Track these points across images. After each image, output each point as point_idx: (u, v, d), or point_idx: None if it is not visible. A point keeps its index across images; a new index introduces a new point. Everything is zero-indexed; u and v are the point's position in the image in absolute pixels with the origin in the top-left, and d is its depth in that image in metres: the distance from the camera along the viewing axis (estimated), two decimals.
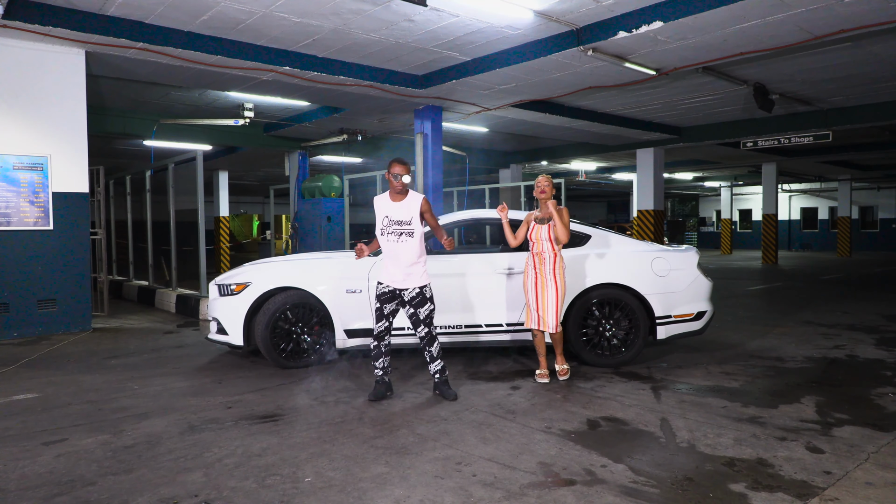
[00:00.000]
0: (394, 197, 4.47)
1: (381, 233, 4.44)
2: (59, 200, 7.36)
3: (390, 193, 4.48)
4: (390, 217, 4.43)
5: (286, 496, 2.99)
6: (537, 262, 5.03)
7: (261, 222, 30.52)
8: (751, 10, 6.32)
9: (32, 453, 3.56)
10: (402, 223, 4.40)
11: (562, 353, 5.18)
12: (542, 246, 5.01)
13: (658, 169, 16.16)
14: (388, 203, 4.48)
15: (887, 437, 3.76)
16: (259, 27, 7.24)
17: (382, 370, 4.60)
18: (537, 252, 5.04)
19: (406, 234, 4.39)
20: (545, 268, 4.99)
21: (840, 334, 7.18)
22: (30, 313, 7.21)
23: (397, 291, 4.49)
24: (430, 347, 4.57)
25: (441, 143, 10.90)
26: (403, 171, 4.40)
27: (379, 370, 4.60)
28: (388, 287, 4.49)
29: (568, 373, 5.14)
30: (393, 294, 4.50)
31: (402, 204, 4.45)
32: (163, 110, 12.16)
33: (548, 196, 5.06)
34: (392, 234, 4.41)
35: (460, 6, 6.62)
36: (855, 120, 12.48)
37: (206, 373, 5.52)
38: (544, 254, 5.01)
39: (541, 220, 5.06)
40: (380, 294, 4.52)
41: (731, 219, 27.96)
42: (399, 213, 4.42)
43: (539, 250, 5.03)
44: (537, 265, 5.02)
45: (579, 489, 3.03)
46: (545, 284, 4.98)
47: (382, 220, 4.45)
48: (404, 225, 4.40)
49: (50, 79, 7.23)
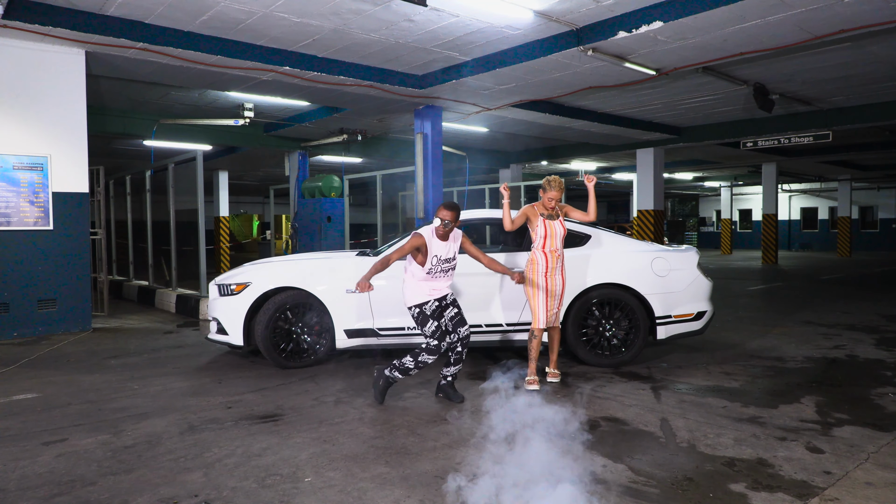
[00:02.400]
0: (441, 237, 4.46)
1: (430, 272, 4.44)
2: (59, 200, 7.36)
3: (437, 231, 4.43)
4: (440, 257, 4.45)
5: (286, 496, 2.99)
6: (550, 259, 4.89)
7: (261, 222, 30.51)
8: (751, 10, 6.32)
9: (32, 453, 3.56)
10: (449, 261, 4.50)
11: (557, 357, 5.14)
12: (557, 243, 4.91)
13: (658, 169, 16.15)
14: (437, 243, 4.45)
15: (887, 437, 3.76)
16: (259, 27, 7.24)
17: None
18: (551, 249, 4.90)
19: (452, 270, 4.54)
20: (558, 264, 4.91)
21: (840, 334, 7.18)
22: (30, 313, 7.21)
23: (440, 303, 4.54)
24: (464, 349, 4.57)
25: (441, 143, 10.90)
26: (451, 217, 4.40)
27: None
28: (436, 300, 4.48)
29: (559, 376, 5.06)
30: (440, 304, 4.52)
31: (447, 244, 4.49)
32: (163, 110, 12.16)
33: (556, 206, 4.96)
34: (441, 272, 4.48)
35: (460, 6, 6.62)
36: (855, 120, 12.48)
37: (206, 373, 5.52)
38: (559, 251, 4.92)
39: (550, 216, 4.94)
40: (433, 312, 4.48)
41: (731, 219, 27.96)
42: (447, 252, 4.48)
43: (554, 247, 4.91)
44: (550, 262, 4.89)
45: (579, 489, 3.03)
46: (555, 281, 4.90)
47: (431, 259, 4.42)
48: (449, 262, 4.50)
49: (50, 79, 7.23)
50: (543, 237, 4.90)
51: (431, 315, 4.45)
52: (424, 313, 4.44)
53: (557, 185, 4.89)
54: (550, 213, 4.95)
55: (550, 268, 4.90)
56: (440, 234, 4.42)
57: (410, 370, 4.42)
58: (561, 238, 4.93)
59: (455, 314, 4.56)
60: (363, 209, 24.94)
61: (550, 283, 4.91)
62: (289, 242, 16.79)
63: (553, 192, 4.89)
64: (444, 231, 4.41)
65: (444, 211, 4.40)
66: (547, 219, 4.92)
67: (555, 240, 4.91)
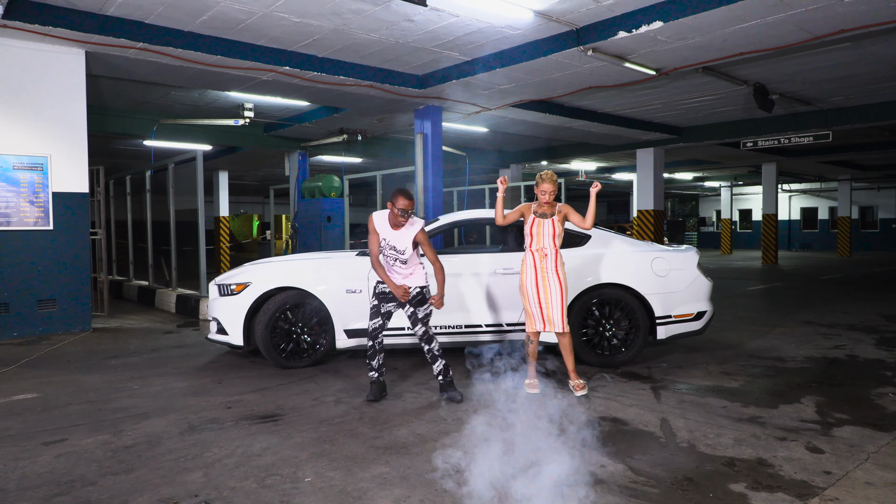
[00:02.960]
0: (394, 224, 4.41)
1: (382, 252, 4.47)
2: (59, 200, 7.36)
3: (389, 219, 4.39)
4: (388, 241, 4.44)
5: (286, 496, 2.99)
6: (537, 259, 4.73)
7: (261, 222, 30.53)
8: (751, 10, 6.32)
9: (32, 453, 3.56)
10: (400, 251, 4.43)
11: (574, 365, 4.82)
12: (544, 241, 4.72)
13: (658, 169, 16.16)
14: (387, 229, 4.43)
15: (887, 437, 3.76)
16: (259, 27, 7.24)
17: (377, 370, 4.60)
18: (538, 248, 4.74)
19: (400, 262, 4.47)
20: (547, 264, 4.71)
21: (840, 334, 7.18)
22: (30, 313, 7.21)
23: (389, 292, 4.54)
24: (429, 345, 4.57)
25: (441, 143, 10.89)
26: (408, 205, 4.32)
27: (374, 371, 4.59)
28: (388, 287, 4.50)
29: (585, 388, 4.72)
30: (386, 294, 4.54)
31: (400, 233, 4.42)
32: (163, 110, 12.16)
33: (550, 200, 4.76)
34: (392, 260, 4.48)
35: (460, 6, 6.62)
36: (855, 120, 12.48)
37: (206, 373, 5.52)
38: (546, 249, 4.72)
39: (542, 214, 4.76)
40: (379, 293, 4.55)
41: (731, 219, 27.96)
42: (397, 241, 4.44)
43: (540, 246, 4.73)
44: (538, 262, 4.73)
45: (579, 489, 3.03)
46: (547, 282, 4.69)
47: (381, 240, 4.45)
48: (398, 252, 4.43)
49: (50, 79, 7.23)
50: (531, 235, 4.77)
51: (376, 296, 4.55)
52: (374, 291, 4.57)
53: (549, 178, 4.73)
54: (544, 212, 4.77)
55: (539, 269, 4.73)
56: (392, 223, 4.38)
57: (368, 361, 4.60)
58: (551, 237, 4.72)
59: (411, 314, 4.54)
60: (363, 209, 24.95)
61: (542, 283, 4.71)
62: (289, 242, 16.79)
63: (545, 185, 4.72)
64: (395, 220, 4.34)
65: (400, 199, 4.28)
66: (538, 217, 4.76)
67: (542, 239, 4.72)
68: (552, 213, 4.77)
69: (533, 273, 4.75)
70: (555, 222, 4.74)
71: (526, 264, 4.80)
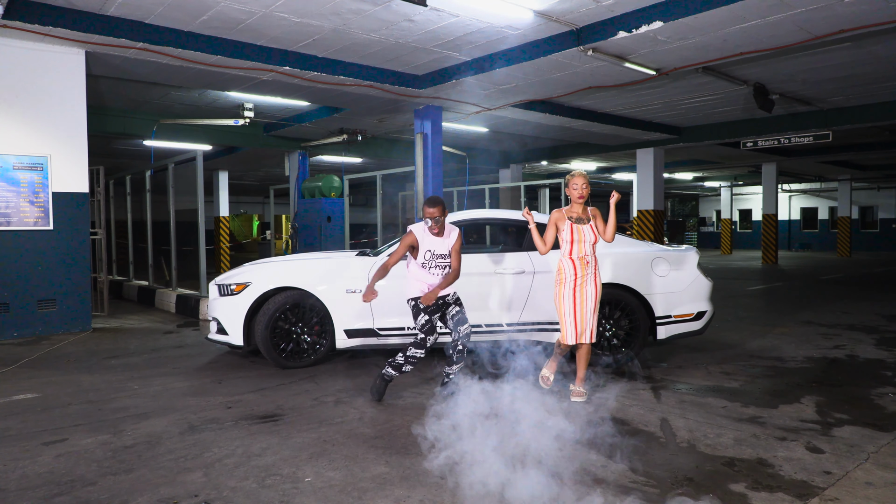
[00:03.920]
0: (436, 234, 4.50)
1: (424, 265, 4.48)
2: (59, 200, 7.36)
3: (431, 230, 4.45)
4: (433, 251, 4.48)
5: (286, 496, 2.99)
6: (579, 267, 4.45)
7: (261, 222, 30.53)
8: (751, 10, 6.31)
9: (32, 453, 3.56)
10: (444, 257, 4.51)
11: (585, 374, 4.66)
12: (586, 248, 4.46)
13: (658, 169, 16.16)
14: (430, 238, 4.48)
15: (887, 437, 3.76)
16: (259, 27, 7.24)
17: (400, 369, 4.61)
18: (580, 255, 4.46)
19: (441, 267, 4.53)
20: (588, 271, 4.47)
21: (840, 334, 7.18)
22: (30, 313, 7.21)
23: (441, 301, 4.57)
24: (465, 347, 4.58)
25: (441, 143, 10.90)
26: (437, 212, 4.40)
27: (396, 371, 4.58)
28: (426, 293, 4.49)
29: (584, 396, 4.56)
30: (438, 304, 4.56)
31: (442, 239, 4.52)
32: (163, 110, 12.16)
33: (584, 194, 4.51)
34: (435, 267, 4.50)
35: (460, 6, 6.62)
36: (855, 120, 12.48)
37: (206, 373, 5.52)
38: (588, 257, 4.47)
39: (579, 219, 4.51)
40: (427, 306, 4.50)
41: (731, 219, 27.95)
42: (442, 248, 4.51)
43: (583, 253, 4.46)
44: (578, 270, 4.45)
45: (579, 489, 3.03)
46: (585, 291, 4.46)
47: (424, 253, 4.47)
48: (444, 258, 4.51)
49: (50, 79, 7.23)
50: (570, 242, 4.48)
51: (425, 309, 4.49)
52: (418, 307, 4.49)
53: (580, 174, 4.52)
54: (580, 216, 4.54)
55: (580, 277, 4.47)
56: (434, 232, 4.46)
57: (402, 366, 4.47)
58: (591, 243, 4.49)
59: (456, 312, 4.58)
60: (363, 209, 24.94)
61: (580, 294, 4.47)
62: (289, 242, 16.80)
63: (577, 180, 4.50)
64: (437, 228, 4.44)
65: (428, 209, 4.39)
66: (575, 222, 4.50)
67: (584, 245, 4.47)
68: (587, 217, 4.57)
69: (572, 283, 4.49)
70: (594, 228, 4.53)
71: (564, 273, 4.52)
